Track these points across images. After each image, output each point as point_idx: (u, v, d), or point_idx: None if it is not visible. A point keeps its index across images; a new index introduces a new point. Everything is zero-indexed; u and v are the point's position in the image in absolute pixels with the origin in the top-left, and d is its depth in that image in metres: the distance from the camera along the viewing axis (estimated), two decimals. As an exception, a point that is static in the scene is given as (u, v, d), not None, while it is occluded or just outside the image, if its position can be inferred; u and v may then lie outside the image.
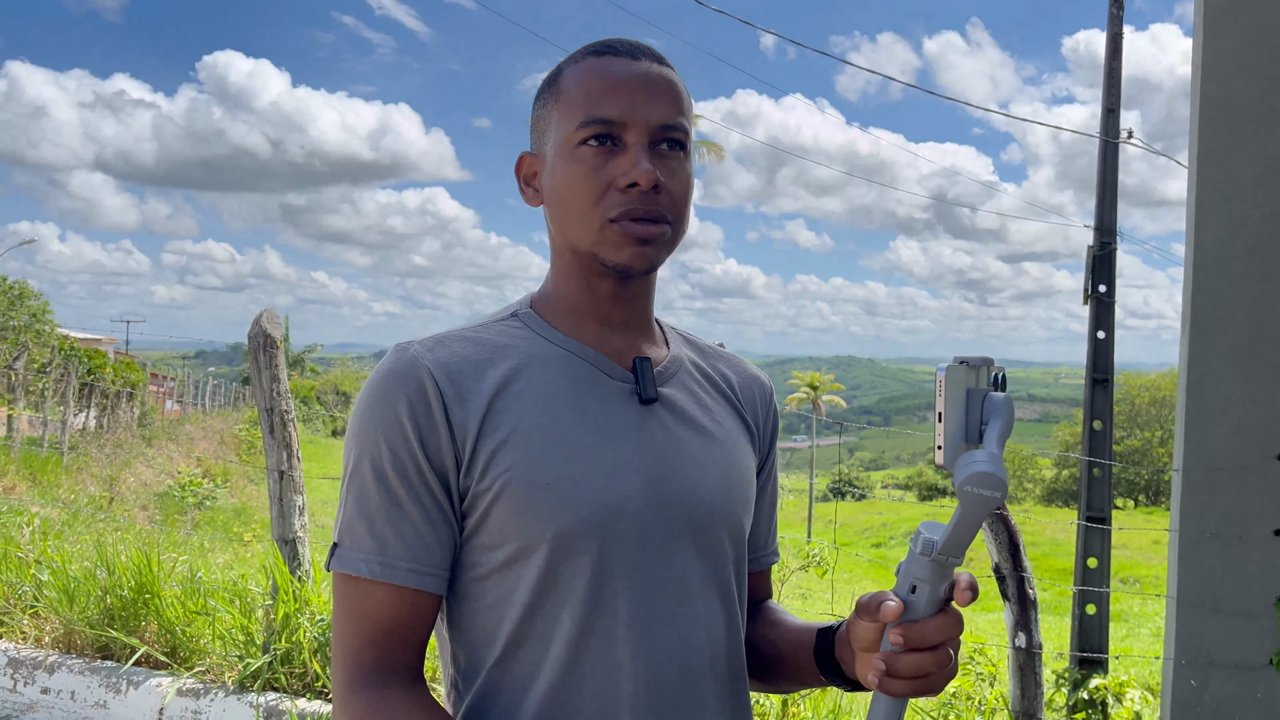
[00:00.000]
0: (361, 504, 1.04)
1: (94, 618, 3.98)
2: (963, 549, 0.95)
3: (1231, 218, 2.30)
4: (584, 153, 1.06)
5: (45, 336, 26.04)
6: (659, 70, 1.09)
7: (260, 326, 3.74)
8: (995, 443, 0.93)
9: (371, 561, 1.02)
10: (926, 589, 0.97)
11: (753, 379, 1.28)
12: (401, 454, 1.02)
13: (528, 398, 1.07)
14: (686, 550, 1.10)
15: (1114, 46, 10.16)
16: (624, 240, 1.06)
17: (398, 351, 1.07)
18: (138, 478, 15.30)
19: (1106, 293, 9.94)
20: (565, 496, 1.03)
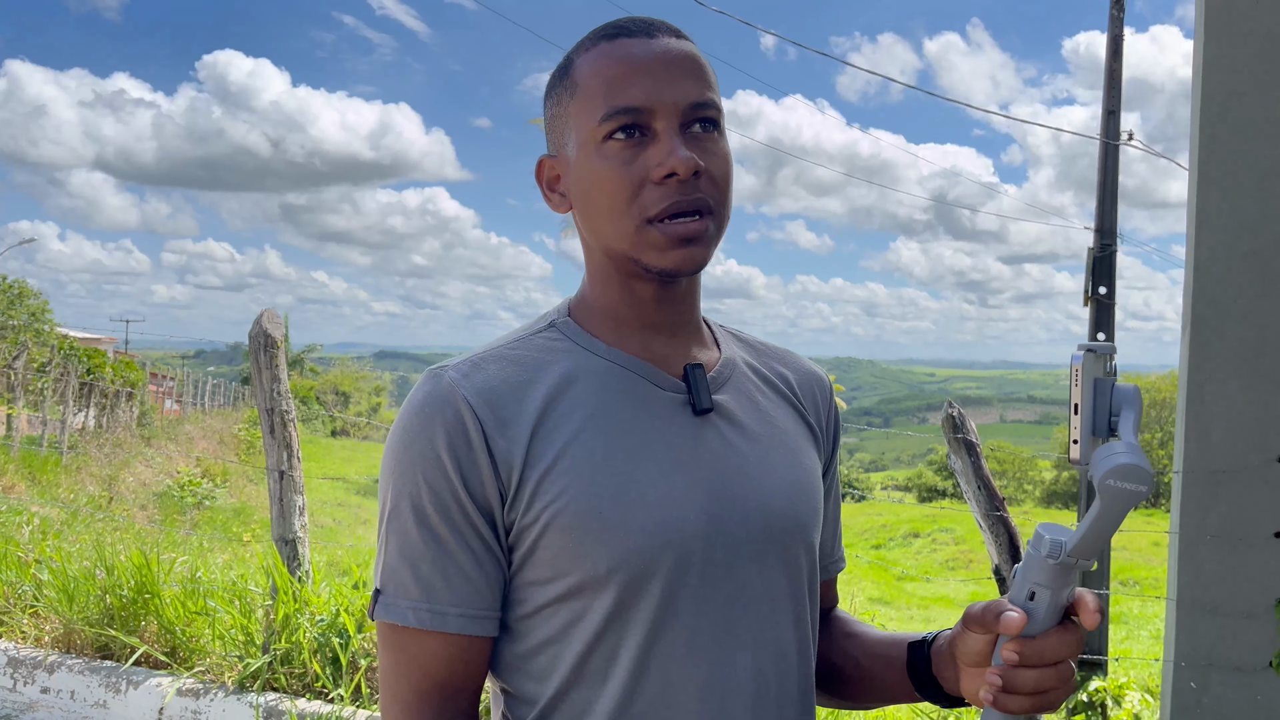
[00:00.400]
0: (404, 548, 0.96)
1: (94, 617, 3.98)
2: (1097, 550, 0.88)
3: (1232, 220, 2.30)
4: (611, 148, 0.97)
5: (45, 336, 26.04)
6: (679, 45, 1.00)
7: (261, 326, 3.74)
8: (1132, 433, 0.87)
9: (419, 610, 0.95)
10: (1047, 596, 0.89)
11: (811, 375, 1.19)
12: (443, 492, 0.95)
13: (574, 418, 0.98)
14: (755, 571, 1.01)
15: (1115, 48, 10.17)
16: (666, 242, 0.96)
17: (432, 379, 0.99)
18: (137, 477, 15.30)
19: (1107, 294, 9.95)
20: (619, 524, 0.95)
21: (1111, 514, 0.86)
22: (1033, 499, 52.71)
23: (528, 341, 1.04)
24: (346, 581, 3.94)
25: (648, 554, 0.95)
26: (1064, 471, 51.00)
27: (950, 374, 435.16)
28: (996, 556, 3.58)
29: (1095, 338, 10.14)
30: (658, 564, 0.95)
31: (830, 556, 1.20)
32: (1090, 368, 0.90)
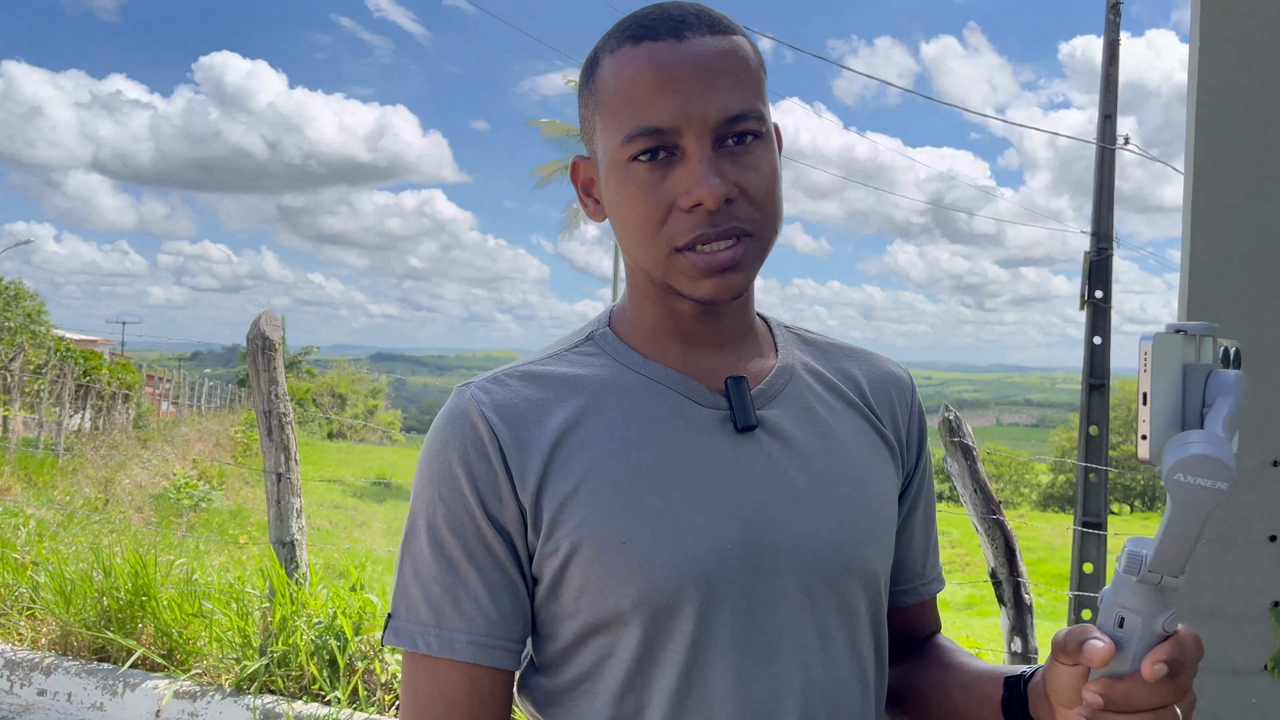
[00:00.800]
0: (417, 570, 0.91)
1: (91, 619, 3.98)
2: (1181, 563, 0.74)
3: (1227, 224, 2.32)
4: (636, 171, 0.88)
5: (41, 337, 26.01)
6: (714, 44, 0.88)
7: (259, 329, 3.74)
8: (1220, 424, 0.74)
9: (428, 635, 0.89)
10: (1138, 622, 0.75)
11: (887, 376, 1.06)
12: (459, 512, 0.89)
13: (600, 439, 0.91)
14: (805, 606, 0.91)
15: (1111, 53, 10.20)
16: (697, 271, 0.88)
17: (455, 395, 0.94)
18: (133, 479, 15.29)
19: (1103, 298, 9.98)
20: (645, 555, 0.87)
21: (1185, 516, 0.73)
22: (1029, 502, 52.75)
23: (561, 356, 0.97)
24: (344, 584, 3.94)
25: (675, 587, 0.87)
26: (1060, 475, 51.08)
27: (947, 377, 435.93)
28: (993, 559, 3.59)
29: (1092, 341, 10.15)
30: (686, 598, 0.87)
31: (922, 577, 1.09)
32: (1171, 351, 0.77)
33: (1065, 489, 49.64)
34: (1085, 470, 9.77)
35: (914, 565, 1.08)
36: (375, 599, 3.75)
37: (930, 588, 1.10)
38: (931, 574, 1.10)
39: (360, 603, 3.70)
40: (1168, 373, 0.77)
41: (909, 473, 1.06)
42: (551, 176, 38.89)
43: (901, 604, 1.08)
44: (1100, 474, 9.79)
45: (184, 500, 13.82)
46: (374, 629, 3.65)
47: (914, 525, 1.07)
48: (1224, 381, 0.76)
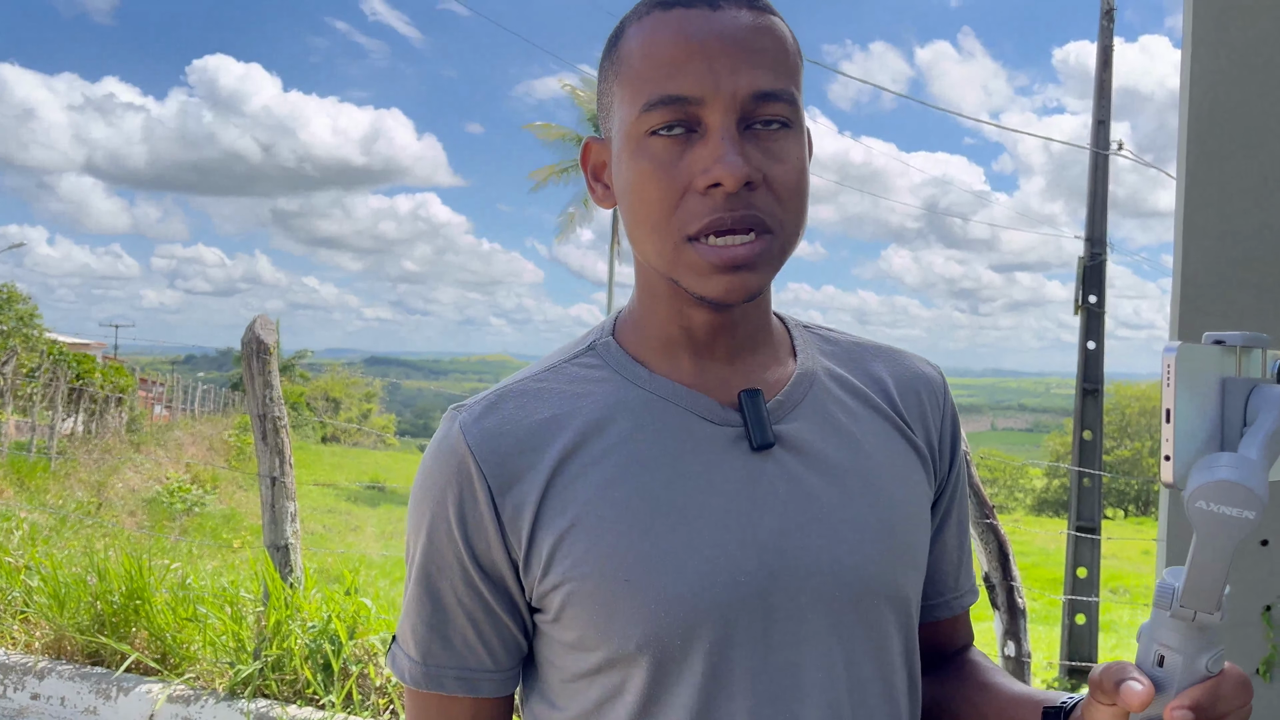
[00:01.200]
0: (411, 603, 0.89)
1: (84, 623, 3.97)
2: (1214, 597, 0.68)
3: (1220, 230, 2.33)
4: (654, 145, 0.80)
5: (34, 341, 25.93)
6: (750, 18, 0.81)
7: (254, 333, 3.74)
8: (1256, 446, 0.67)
9: (415, 669, 0.88)
10: (1179, 661, 0.69)
11: (917, 377, 0.98)
12: (446, 553, 0.85)
13: (602, 465, 0.84)
14: (829, 633, 0.84)
15: (1104, 59, 10.24)
16: (706, 266, 0.80)
17: (445, 422, 0.88)
18: (126, 483, 15.24)
19: (1097, 303, 10.02)
20: (651, 593, 0.80)
21: (1211, 547, 0.67)
22: (1023, 507, 52.82)
23: (560, 370, 0.90)
24: (338, 588, 3.94)
25: (684, 627, 0.81)
26: (1054, 480, 51.16)
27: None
28: (986, 564, 3.60)
29: (1086, 346, 10.17)
30: (696, 638, 0.81)
31: (954, 590, 1.03)
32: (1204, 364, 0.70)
33: (1059, 494, 49.72)
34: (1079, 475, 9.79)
35: (946, 578, 1.02)
36: (370, 603, 3.75)
37: (963, 600, 1.04)
38: (965, 586, 1.04)
39: (355, 607, 3.70)
40: (1196, 387, 0.69)
41: (942, 480, 0.98)
42: (547, 180, 38.91)
43: (933, 618, 1.02)
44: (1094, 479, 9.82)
45: (177, 504, 13.79)
46: (368, 633, 3.65)
47: (946, 536, 1.01)
48: (1269, 398, 0.69)
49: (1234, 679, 0.70)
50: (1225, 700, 0.69)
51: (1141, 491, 48.70)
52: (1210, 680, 0.69)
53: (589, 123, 39.53)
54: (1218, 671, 0.70)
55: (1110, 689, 0.71)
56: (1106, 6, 10.20)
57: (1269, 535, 2.30)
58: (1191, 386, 0.69)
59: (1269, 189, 2.28)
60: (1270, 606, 2.29)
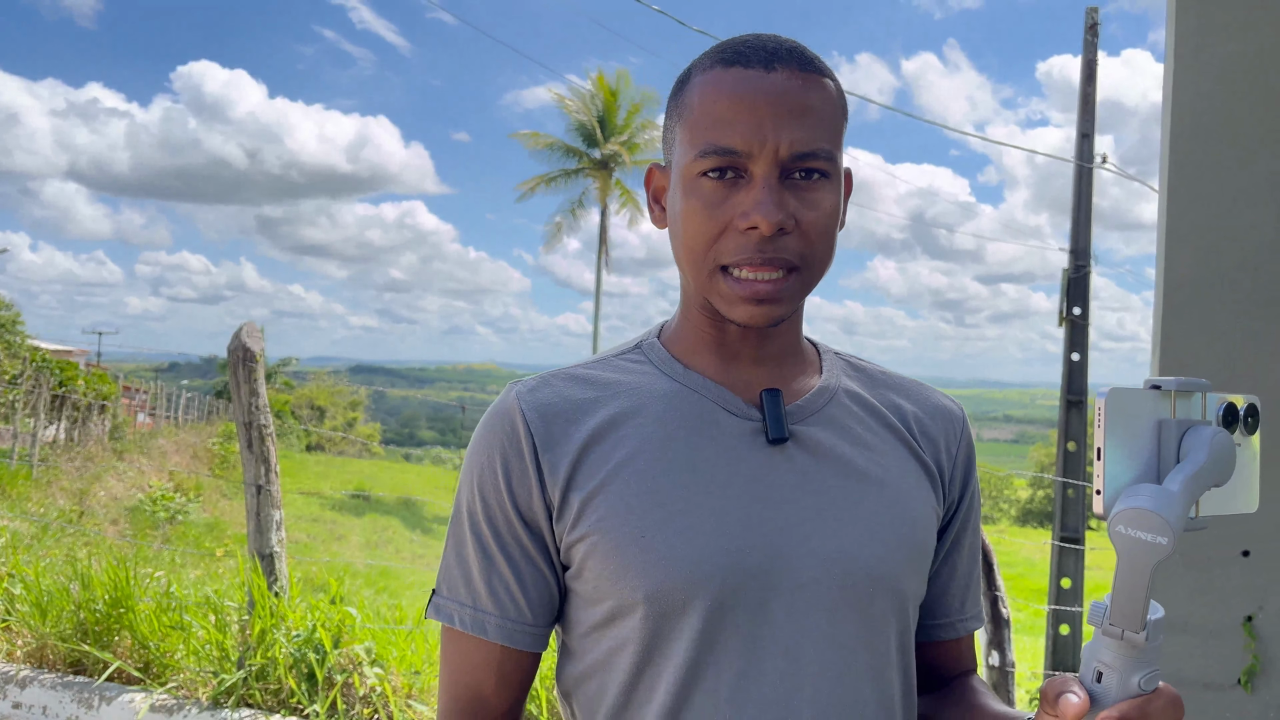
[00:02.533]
0: (458, 553, 1.00)
1: (67, 632, 3.95)
2: (1136, 617, 0.74)
3: (1202, 243, 2.35)
4: (703, 185, 0.92)
5: (16, 347, 25.74)
6: (799, 82, 0.91)
7: (240, 340, 3.73)
8: (1179, 480, 0.73)
9: (463, 613, 0.98)
10: (1115, 677, 0.75)
11: (937, 409, 1.07)
12: (492, 503, 0.97)
13: (632, 439, 0.95)
14: (825, 619, 0.92)
15: (1089, 73, 10.32)
16: (736, 295, 0.91)
17: (504, 392, 1.01)
18: (108, 491, 15.14)
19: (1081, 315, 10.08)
20: (660, 551, 0.90)
21: (1128, 570, 0.73)
22: (1008, 517, 52.95)
23: (608, 362, 1.03)
24: (323, 597, 3.93)
25: (684, 584, 0.90)
26: (1039, 490, 51.31)
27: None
28: (971, 574, 3.62)
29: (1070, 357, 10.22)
30: (695, 597, 0.90)
31: (958, 614, 1.09)
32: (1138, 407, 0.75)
33: (1044, 504, 49.85)
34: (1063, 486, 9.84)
35: (953, 600, 1.08)
36: (354, 612, 3.73)
37: (968, 624, 1.10)
38: (970, 611, 1.10)
39: (340, 616, 3.69)
40: (1127, 428, 0.75)
41: (953, 505, 1.06)
42: (535, 189, 38.90)
43: (937, 638, 1.09)
44: (1079, 489, 9.86)
45: (160, 513, 13.69)
46: (353, 642, 3.63)
47: (957, 560, 1.08)
48: (1199, 438, 0.75)
49: (1166, 698, 0.76)
50: (1154, 717, 0.75)
51: (1125, 502, 48.71)
52: (1142, 697, 0.75)
53: (576, 131, 39.57)
54: (1151, 690, 0.75)
55: (1052, 700, 0.77)
56: (1090, 21, 10.29)
57: (1250, 546, 2.32)
58: (1122, 427, 0.75)
59: (1251, 202, 2.31)
60: (1252, 617, 2.31)
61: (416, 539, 18.83)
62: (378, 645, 3.63)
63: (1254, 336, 2.30)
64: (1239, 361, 2.31)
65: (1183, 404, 0.77)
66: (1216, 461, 0.75)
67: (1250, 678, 2.33)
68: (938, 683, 1.10)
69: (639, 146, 38.41)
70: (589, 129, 38.34)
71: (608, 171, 38.21)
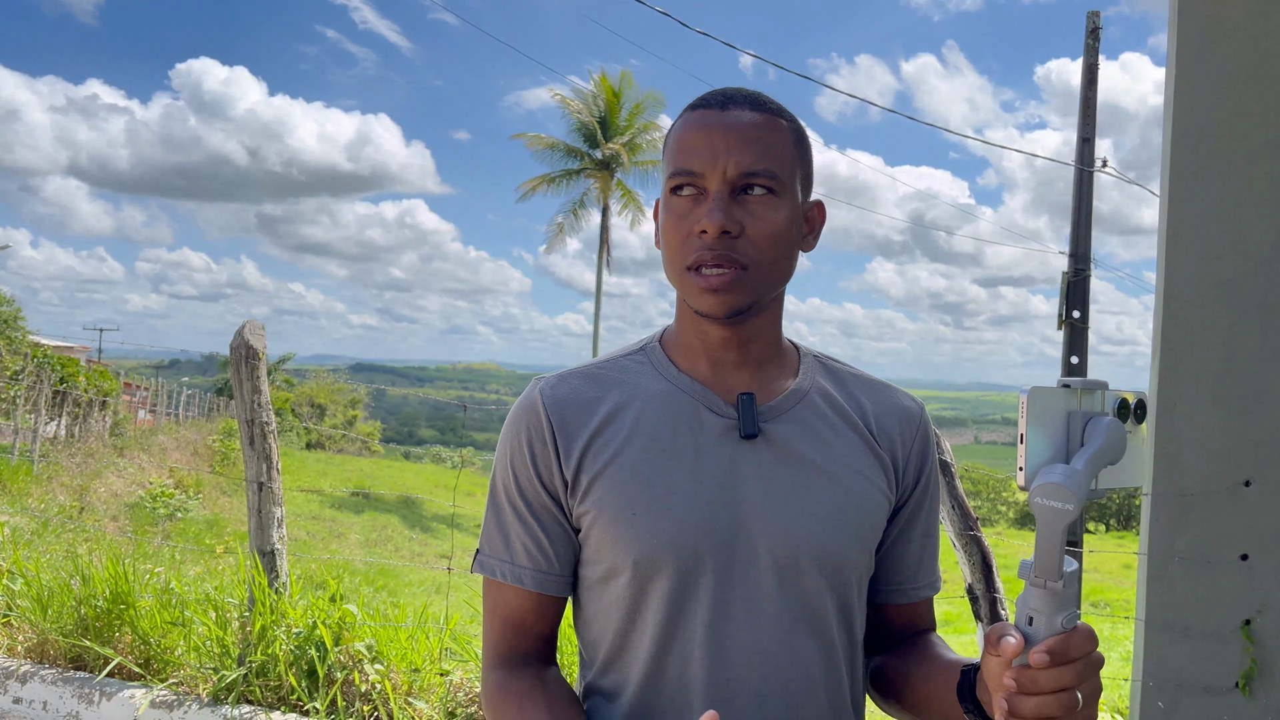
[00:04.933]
0: (498, 518, 1.21)
1: (67, 627, 3.95)
2: (1054, 569, 0.89)
3: (1202, 247, 2.36)
4: (675, 202, 1.14)
5: (17, 344, 25.75)
6: (749, 118, 1.13)
7: (243, 338, 3.74)
8: (1083, 459, 0.89)
9: (503, 567, 1.20)
10: (1043, 620, 0.90)
11: (895, 409, 1.26)
12: (523, 478, 1.19)
13: (627, 432, 1.17)
14: (770, 585, 1.13)
15: (1090, 77, 10.32)
16: (698, 288, 1.12)
17: (530, 387, 1.22)
18: (109, 488, 15.14)
19: (1080, 318, 10.08)
20: (647, 524, 1.12)
21: (1045, 532, 0.88)
22: (1006, 520, 52.91)
23: (615, 362, 1.24)
24: (323, 594, 3.93)
25: (664, 551, 1.12)
26: (1037, 493, 51.14)
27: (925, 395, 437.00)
28: (970, 576, 3.62)
29: (1069, 361, 10.25)
30: (668, 560, 1.12)
31: (913, 582, 1.28)
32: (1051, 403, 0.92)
33: (1042, 507, 49.71)
34: (1062, 489, 9.82)
35: (907, 570, 1.27)
36: (354, 609, 3.74)
37: (921, 591, 1.28)
38: (924, 580, 1.29)
39: (340, 613, 3.70)
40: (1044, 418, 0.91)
41: (906, 491, 1.25)
42: (534, 190, 38.88)
43: (893, 600, 1.28)
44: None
45: (160, 509, 13.69)
46: (353, 639, 3.64)
47: (911, 536, 1.27)
48: (1097, 427, 0.91)
49: (1083, 632, 0.91)
50: (1076, 648, 0.90)
51: (1123, 506, 48.89)
52: (1065, 634, 0.90)
53: (578, 133, 39.54)
54: (1071, 628, 0.90)
55: (994, 642, 0.91)
56: (1092, 25, 10.28)
57: (1247, 549, 2.32)
58: (1039, 417, 0.91)
59: (1251, 206, 2.31)
60: (1250, 620, 2.31)
61: (416, 537, 18.82)
62: (378, 643, 3.63)
63: (1254, 341, 2.31)
64: (1239, 366, 2.32)
65: (1087, 399, 0.93)
66: (1111, 444, 0.91)
67: (1248, 681, 2.34)
68: (897, 638, 1.30)
69: (641, 147, 38.37)
70: (591, 130, 38.30)
71: (609, 172, 38.18)
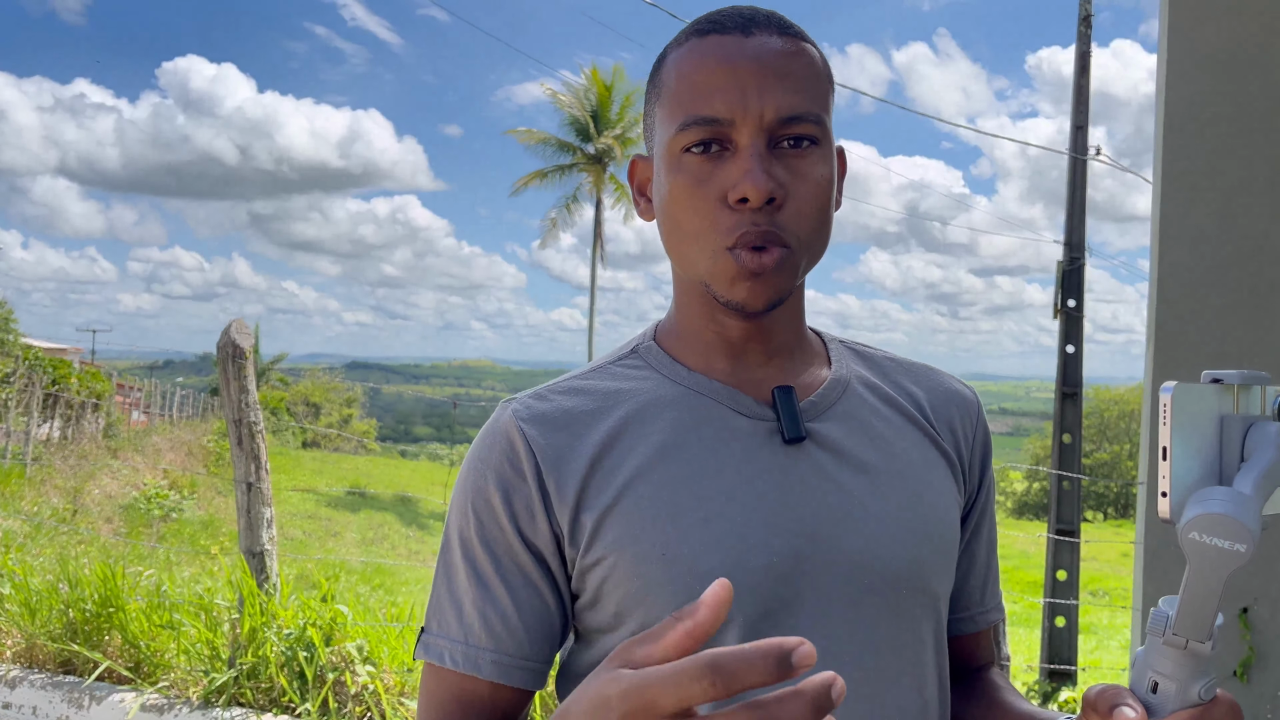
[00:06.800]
0: (450, 585, 0.91)
1: (56, 631, 3.92)
2: (1205, 627, 0.68)
3: (1195, 234, 2.33)
4: (688, 162, 0.86)
5: (9, 345, 25.67)
6: (780, 44, 0.86)
7: (229, 337, 3.71)
8: (1250, 481, 0.67)
9: (455, 651, 0.89)
10: (1173, 688, 0.70)
11: (951, 394, 1.02)
12: (491, 528, 0.89)
13: (640, 452, 0.88)
14: (856, 621, 0.87)
15: (1083, 65, 10.31)
16: (735, 272, 0.85)
17: (499, 409, 0.93)
18: (103, 489, 15.11)
19: (1076, 307, 10.07)
20: (684, 563, 0.84)
21: (1202, 578, 0.67)
22: (1004, 510, 53.09)
23: (605, 370, 0.96)
24: (315, 595, 3.91)
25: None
26: (1035, 483, 51.47)
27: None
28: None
29: (1065, 350, 10.22)
30: (731, 614, 0.83)
31: (979, 605, 1.05)
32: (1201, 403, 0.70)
33: (1039, 497, 50.00)
34: (1059, 478, 9.84)
35: (973, 592, 1.04)
36: (346, 610, 3.72)
37: (989, 616, 1.06)
38: (990, 603, 1.06)
39: (331, 614, 3.67)
40: (1193, 425, 0.70)
41: (971, 495, 1.01)
42: (528, 185, 38.85)
43: (957, 633, 1.04)
44: (1074, 482, 9.86)
45: (154, 510, 13.67)
46: (344, 640, 3.62)
47: (975, 550, 1.03)
48: (1266, 434, 0.70)
49: (1224, 706, 0.71)
50: None
51: (1120, 494, 49.03)
52: (1201, 707, 0.70)
53: (570, 127, 39.54)
54: (1210, 699, 0.70)
55: (1105, 712, 0.71)
56: (1084, 13, 10.27)
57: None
58: (1188, 424, 0.70)
59: (1244, 193, 2.29)
60: (1248, 608, 2.30)
61: (412, 535, 18.82)
62: (370, 643, 3.61)
63: (1249, 328, 2.29)
64: (1234, 353, 2.29)
65: (1244, 399, 0.71)
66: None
67: (1246, 669, 2.32)
68: (958, 677, 1.06)
69: (633, 140, 38.33)
70: (582, 123, 38.29)
71: (602, 166, 38.18)
